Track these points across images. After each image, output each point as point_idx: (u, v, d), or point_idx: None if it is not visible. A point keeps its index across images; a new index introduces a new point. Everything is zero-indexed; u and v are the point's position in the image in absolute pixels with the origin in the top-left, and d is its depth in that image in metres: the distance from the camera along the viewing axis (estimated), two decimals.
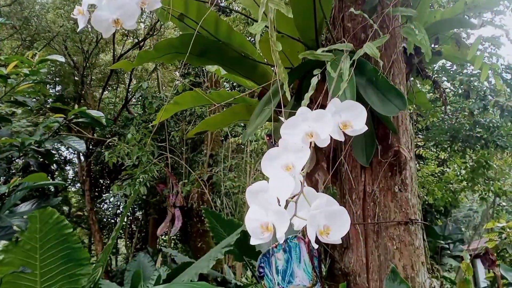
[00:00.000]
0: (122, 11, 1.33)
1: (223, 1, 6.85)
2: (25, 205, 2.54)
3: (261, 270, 1.68)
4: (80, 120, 2.84)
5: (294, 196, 1.06)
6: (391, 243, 1.80)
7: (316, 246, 0.99)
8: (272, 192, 1.04)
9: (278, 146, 1.91)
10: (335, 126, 1.14)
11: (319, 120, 1.12)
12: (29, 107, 2.84)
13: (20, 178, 2.34)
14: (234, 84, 7.79)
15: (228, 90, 7.24)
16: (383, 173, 1.80)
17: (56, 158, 9.69)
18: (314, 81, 1.48)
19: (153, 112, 6.75)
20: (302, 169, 1.09)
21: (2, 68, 2.70)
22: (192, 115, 7.81)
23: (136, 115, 8.34)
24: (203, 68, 7.69)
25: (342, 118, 1.17)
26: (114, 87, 10.75)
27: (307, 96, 1.45)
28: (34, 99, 2.96)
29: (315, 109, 1.51)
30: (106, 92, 10.39)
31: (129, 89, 8.80)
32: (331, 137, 1.15)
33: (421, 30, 1.62)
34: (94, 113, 2.82)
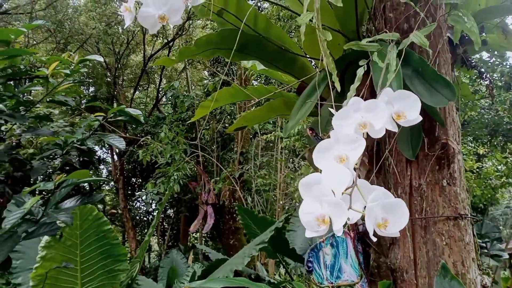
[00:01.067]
0: (167, 7, 1.34)
1: None
2: (69, 202, 2.60)
3: (309, 264, 1.66)
4: (119, 118, 2.89)
5: (347, 189, 1.03)
6: (440, 239, 1.74)
7: (374, 239, 0.97)
8: (327, 184, 1.02)
9: (320, 138, 1.88)
10: (388, 117, 1.11)
11: (372, 110, 1.09)
12: (70, 106, 2.92)
13: (65, 175, 2.40)
14: (264, 82, 7.79)
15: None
16: (430, 166, 1.74)
17: None
18: (360, 72, 1.45)
19: (185, 111, 6.83)
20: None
21: (43, 69, 2.78)
22: (222, 113, 7.87)
23: (166, 114, 8.46)
24: (232, 67, 7.73)
25: (395, 108, 1.14)
26: (145, 87, 10.96)
27: (353, 87, 1.42)
28: (73, 99, 3.04)
29: None
30: (137, 92, 10.60)
31: (160, 89, 8.94)
32: None
33: (469, 18, 1.56)
34: (132, 111, 2.86)
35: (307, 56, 1.99)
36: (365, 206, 1.04)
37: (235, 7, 1.81)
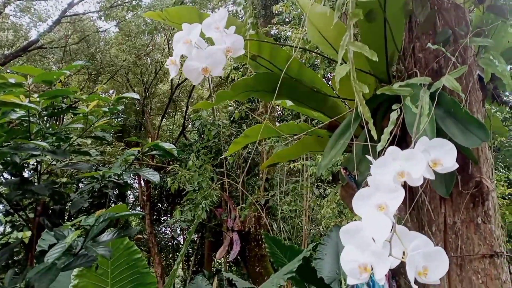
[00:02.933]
0: (211, 60, 1.44)
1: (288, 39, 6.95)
2: (106, 235, 2.68)
3: None
4: (154, 152, 3.00)
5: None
6: (476, 277, 1.73)
7: (416, 287, 1.00)
8: (368, 233, 1.06)
9: (353, 177, 1.92)
10: (426, 165, 1.15)
11: (410, 160, 1.14)
12: (107, 142, 3.05)
13: (104, 210, 2.49)
14: (290, 113, 7.87)
15: (290, 117, 7.32)
16: (464, 204, 1.76)
17: None
18: (394, 116, 1.50)
19: (211, 139, 6.97)
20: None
21: (83, 107, 2.93)
22: None
23: (193, 141, 8.63)
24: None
25: (431, 156, 1.18)
26: (172, 115, 11.23)
27: (387, 130, 1.47)
28: (109, 133, 3.18)
29: (391, 142, 1.53)
30: (164, 119, 10.88)
31: (186, 117, 9.14)
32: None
33: (500, 61, 1.60)
34: (166, 145, 2.97)
35: (339, 97, 2.06)
36: (403, 252, 1.08)
37: (269, 52, 1.91)
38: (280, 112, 8.92)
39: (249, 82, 1.91)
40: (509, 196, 6.24)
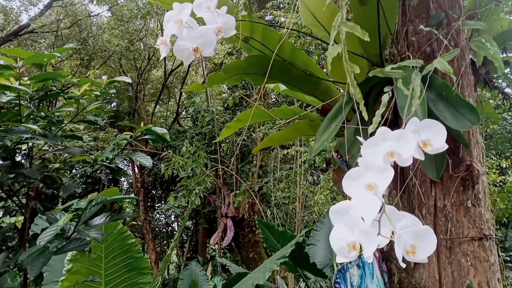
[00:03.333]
0: (202, 40, 1.42)
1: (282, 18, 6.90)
2: (99, 219, 2.68)
3: (337, 285, 1.70)
4: (146, 136, 2.98)
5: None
6: (465, 259, 1.76)
7: (404, 265, 1.01)
8: (357, 212, 1.07)
9: (345, 160, 1.93)
10: (415, 146, 1.16)
11: (400, 140, 1.14)
12: (99, 125, 3.03)
13: (96, 193, 2.49)
14: (282, 95, 7.86)
15: (284, 104, 7.32)
16: (454, 187, 1.77)
17: None
18: (385, 98, 1.50)
19: (205, 125, 6.95)
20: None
21: (75, 90, 2.90)
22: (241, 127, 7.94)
23: (186, 128, 8.60)
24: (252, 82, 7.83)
25: (421, 137, 1.18)
26: (165, 101, 11.17)
27: (379, 113, 1.47)
28: (101, 118, 3.16)
29: (383, 125, 1.53)
30: (158, 106, 10.82)
31: (180, 103, 9.09)
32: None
33: (492, 44, 1.60)
34: (159, 130, 2.95)
35: (332, 80, 2.05)
36: (393, 232, 1.09)
37: (261, 34, 1.89)
38: (274, 99, 8.91)
39: (241, 64, 1.90)
40: (501, 184, 6.31)
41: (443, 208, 1.80)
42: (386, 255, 1.93)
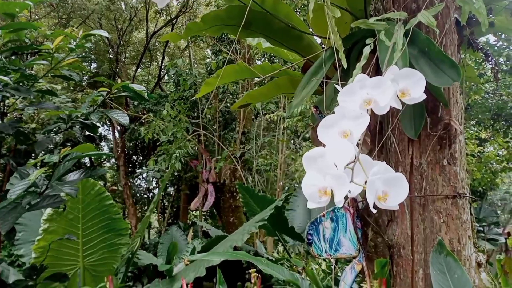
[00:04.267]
0: None
1: None
2: (73, 175, 2.62)
3: (309, 237, 1.71)
4: (123, 94, 2.90)
5: (350, 163, 1.06)
6: (438, 217, 1.78)
7: (374, 211, 1.00)
8: (330, 158, 1.04)
9: (324, 117, 1.90)
10: (393, 94, 1.13)
11: (378, 87, 1.11)
12: (74, 81, 2.92)
13: (69, 149, 2.42)
14: (268, 61, 7.75)
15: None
16: (431, 146, 1.77)
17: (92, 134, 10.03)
18: (367, 50, 1.46)
19: (187, 89, 6.82)
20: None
21: (48, 43, 2.77)
22: (224, 92, 7.85)
23: (169, 92, 8.44)
24: (235, 46, 7.69)
25: (400, 86, 1.16)
26: (147, 65, 10.90)
27: (360, 65, 1.43)
28: (76, 74, 3.05)
29: None
30: (139, 69, 10.56)
31: (162, 67, 8.89)
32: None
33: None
34: (137, 87, 2.87)
35: (314, 34, 1.99)
36: (366, 180, 1.08)
37: None
38: (259, 63, 8.78)
39: (220, 14, 1.82)
40: (478, 154, 6.43)
41: (419, 166, 1.81)
42: (361, 212, 1.94)
